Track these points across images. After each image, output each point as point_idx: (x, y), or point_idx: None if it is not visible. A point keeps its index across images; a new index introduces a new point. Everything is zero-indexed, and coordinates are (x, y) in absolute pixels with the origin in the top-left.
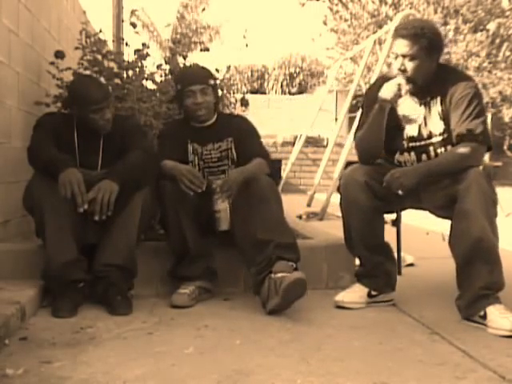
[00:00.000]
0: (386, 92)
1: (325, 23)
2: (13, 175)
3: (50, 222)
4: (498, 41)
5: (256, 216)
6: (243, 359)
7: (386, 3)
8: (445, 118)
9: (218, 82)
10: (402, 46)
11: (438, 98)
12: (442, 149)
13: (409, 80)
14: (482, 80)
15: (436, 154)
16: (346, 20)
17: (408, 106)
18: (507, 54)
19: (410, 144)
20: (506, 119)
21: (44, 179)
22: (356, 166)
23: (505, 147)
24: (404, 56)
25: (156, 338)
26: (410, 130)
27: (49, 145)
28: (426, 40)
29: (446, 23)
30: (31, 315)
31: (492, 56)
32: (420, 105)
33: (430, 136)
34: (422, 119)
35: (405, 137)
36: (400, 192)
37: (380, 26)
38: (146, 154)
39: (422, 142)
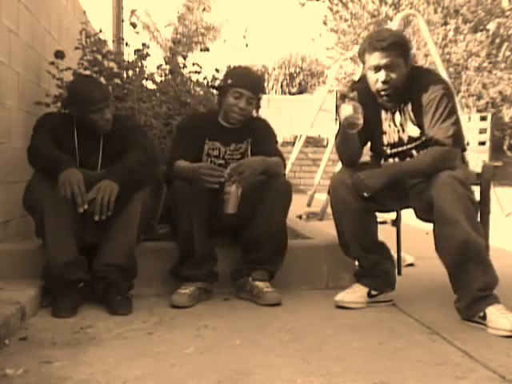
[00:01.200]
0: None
1: (325, 23)
2: (13, 175)
3: (49, 222)
4: (498, 41)
5: (261, 214)
6: (243, 359)
7: (386, 3)
8: (418, 122)
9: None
10: (383, 57)
11: (409, 104)
12: (425, 151)
13: (392, 88)
14: (482, 80)
15: None
16: (346, 20)
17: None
18: (507, 54)
19: (393, 150)
20: (506, 119)
21: (44, 179)
22: (343, 168)
23: (505, 147)
24: (386, 67)
25: (156, 338)
26: (391, 137)
27: (49, 145)
28: (402, 47)
29: (446, 23)
30: (31, 315)
31: (492, 56)
32: (394, 113)
33: (410, 141)
34: (400, 126)
35: (385, 143)
36: (365, 194)
37: (380, 26)
38: (146, 154)
39: (404, 147)
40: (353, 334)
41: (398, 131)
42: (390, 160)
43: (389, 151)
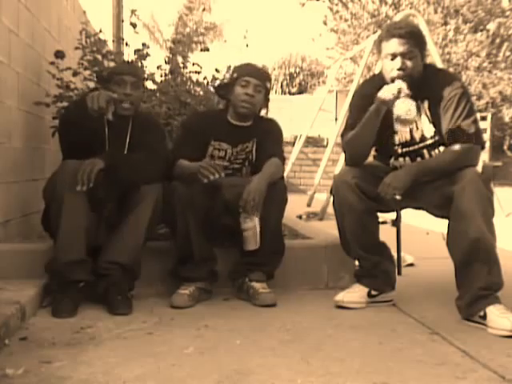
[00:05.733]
0: (386, 94)
1: (325, 23)
2: (13, 175)
3: (65, 220)
4: (498, 41)
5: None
6: (243, 359)
7: (386, 3)
8: (434, 121)
9: (270, 91)
10: (400, 44)
11: (426, 102)
12: (436, 151)
13: (407, 79)
14: (482, 80)
15: (431, 157)
16: (346, 20)
17: (404, 107)
18: (507, 54)
19: (404, 149)
20: (506, 119)
21: (68, 176)
22: (346, 168)
23: (505, 147)
24: (403, 55)
25: (156, 338)
26: (403, 136)
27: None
28: (418, 38)
29: (446, 23)
30: (31, 315)
31: (492, 56)
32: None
33: (423, 139)
34: (414, 123)
35: (397, 142)
36: (398, 197)
37: (380, 26)
38: (151, 154)
39: (416, 146)
40: (353, 334)
41: (411, 129)
42: (401, 159)
43: (400, 150)
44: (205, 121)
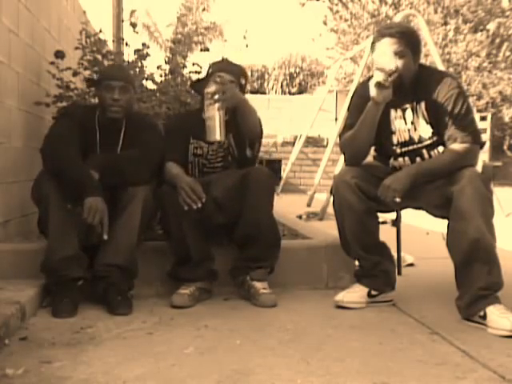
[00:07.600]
0: (377, 75)
1: (325, 23)
2: (13, 175)
3: (54, 217)
4: (498, 41)
5: (247, 211)
6: (243, 359)
7: (386, 3)
8: (431, 121)
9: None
10: (390, 44)
11: (423, 103)
12: (435, 150)
13: (398, 77)
14: (482, 80)
15: (430, 156)
16: (346, 20)
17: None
18: (507, 54)
19: (403, 149)
20: (506, 119)
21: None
22: (346, 168)
23: (505, 147)
24: (394, 54)
25: (156, 338)
26: (401, 136)
27: (74, 152)
28: (411, 38)
29: (446, 23)
30: (31, 315)
31: (492, 56)
32: (405, 110)
33: (421, 140)
34: (411, 124)
35: (395, 142)
36: (397, 199)
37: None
38: (142, 153)
39: (415, 146)
40: (353, 334)
41: (409, 130)
42: (400, 159)
43: (399, 150)
44: (182, 120)
